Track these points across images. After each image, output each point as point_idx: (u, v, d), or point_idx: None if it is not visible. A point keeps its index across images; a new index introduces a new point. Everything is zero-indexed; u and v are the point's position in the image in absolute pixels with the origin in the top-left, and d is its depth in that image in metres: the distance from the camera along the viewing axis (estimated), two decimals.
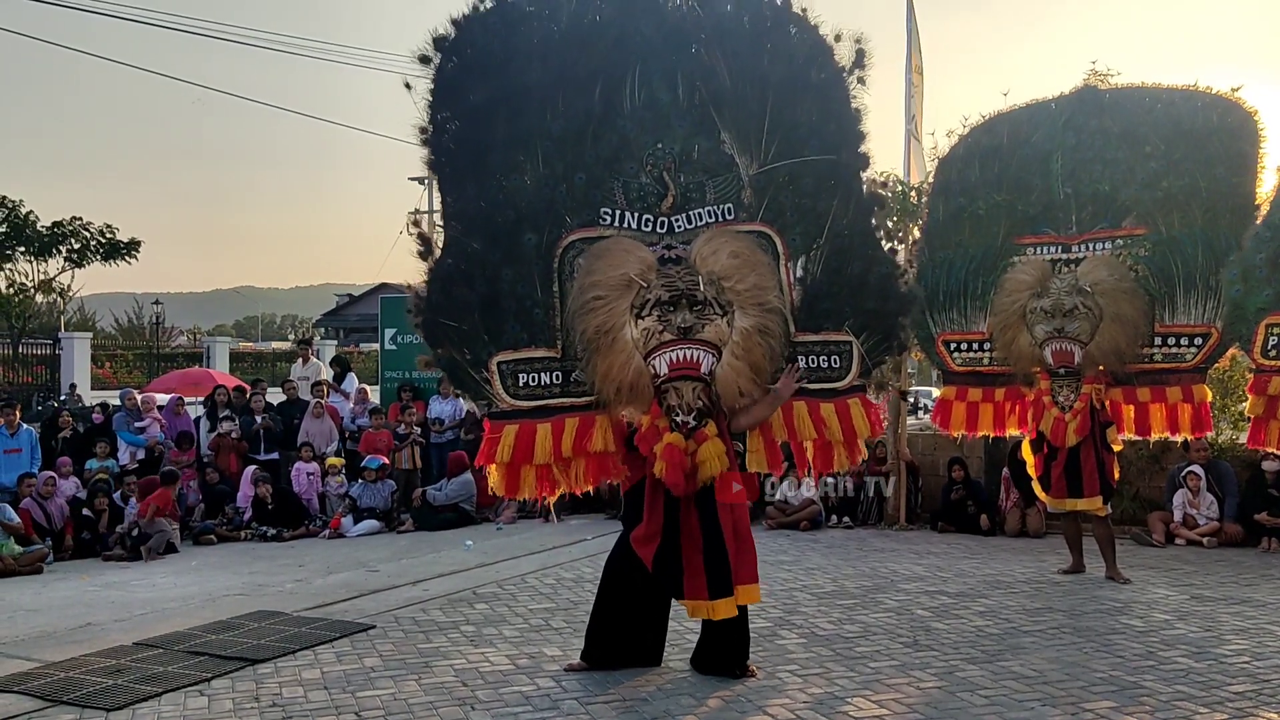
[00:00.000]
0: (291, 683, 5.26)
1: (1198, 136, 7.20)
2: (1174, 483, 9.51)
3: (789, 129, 5.34)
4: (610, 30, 5.28)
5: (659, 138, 5.34)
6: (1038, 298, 7.47)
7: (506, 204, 5.25)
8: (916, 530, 10.13)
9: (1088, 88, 7.79)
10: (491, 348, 5.25)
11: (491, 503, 11.55)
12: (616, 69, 5.28)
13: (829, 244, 5.35)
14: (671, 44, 5.32)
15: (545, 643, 5.98)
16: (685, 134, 5.35)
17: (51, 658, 5.83)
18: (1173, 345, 7.32)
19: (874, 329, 5.40)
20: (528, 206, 5.25)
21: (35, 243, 24.03)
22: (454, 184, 5.35)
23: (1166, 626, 6.22)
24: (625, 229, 5.32)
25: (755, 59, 5.33)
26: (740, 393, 5.19)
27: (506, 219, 5.24)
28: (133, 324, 43.81)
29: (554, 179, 5.27)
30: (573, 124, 5.27)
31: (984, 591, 7.25)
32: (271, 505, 10.86)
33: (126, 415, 12.01)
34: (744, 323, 5.18)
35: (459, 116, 5.30)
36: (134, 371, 28.21)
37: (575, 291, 5.22)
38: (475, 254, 5.24)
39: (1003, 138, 7.79)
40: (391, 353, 13.79)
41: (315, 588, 7.86)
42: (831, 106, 5.39)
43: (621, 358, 5.14)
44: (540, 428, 5.22)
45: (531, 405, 5.26)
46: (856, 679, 5.20)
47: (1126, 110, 7.51)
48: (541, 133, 5.26)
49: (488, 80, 5.26)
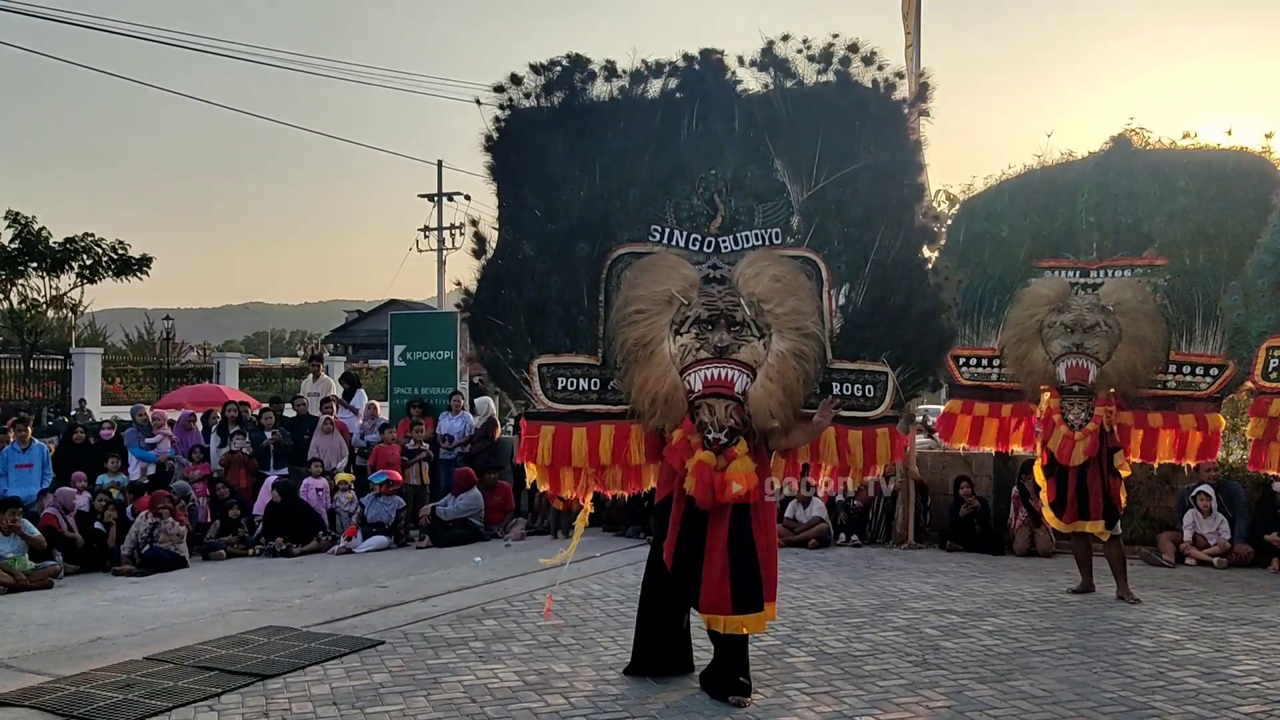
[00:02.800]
0: (301, 698, 5.28)
1: (1229, 177, 7.40)
2: (1184, 503, 9.48)
3: (841, 159, 5.38)
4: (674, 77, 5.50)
5: (713, 164, 5.48)
6: (1058, 313, 7.52)
7: (561, 213, 5.43)
8: (925, 549, 10.11)
9: (1121, 138, 7.90)
10: (534, 350, 5.42)
11: (500, 519, 11.58)
12: (678, 100, 5.47)
13: (873, 273, 5.36)
14: (730, 88, 5.49)
15: (554, 659, 5.98)
16: (739, 161, 5.47)
17: (62, 672, 5.85)
18: (1187, 374, 7.36)
19: (910, 362, 5.39)
20: (581, 217, 5.42)
21: (48, 259, 24.22)
22: (511, 190, 5.54)
23: (1176, 647, 6.20)
24: (673, 246, 5.45)
25: (813, 91, 5.41)
26: (770, 414, 5.18)
27: (560, 228, 5.41)
28: (143, 339, 43.95)
29: (609, 193, 5.44)
30: (633, 142, 5.44)
31: (993, 611, 7.23)
32: (282, 508, 10.92)
33: (137, 430, 12.07)
34: (780, 346, 5.20)
35: (524, 129, 5.51)
36: (144, 387, 28.29)
37: (619, 303, 5.35)
38: (527, 259, 5.42)
39: (1035, 178, 8.01)
40: (401, 369, 13.84)
41: (324, 603, 7.88)
42: (888, 138, 5.42)
43: (658, 371, 5.22)
44: (576, 431, 5.38)
45: (568, 409, 5.41)
46: (865, 698, 5.19)
47: (1157, 153, 7.74)
48: (602, 149, 5.45)
49: (559, 90, 5.50)
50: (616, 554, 9.89)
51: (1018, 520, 9.82)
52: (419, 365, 13.70)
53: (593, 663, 5.91)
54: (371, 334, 44.78)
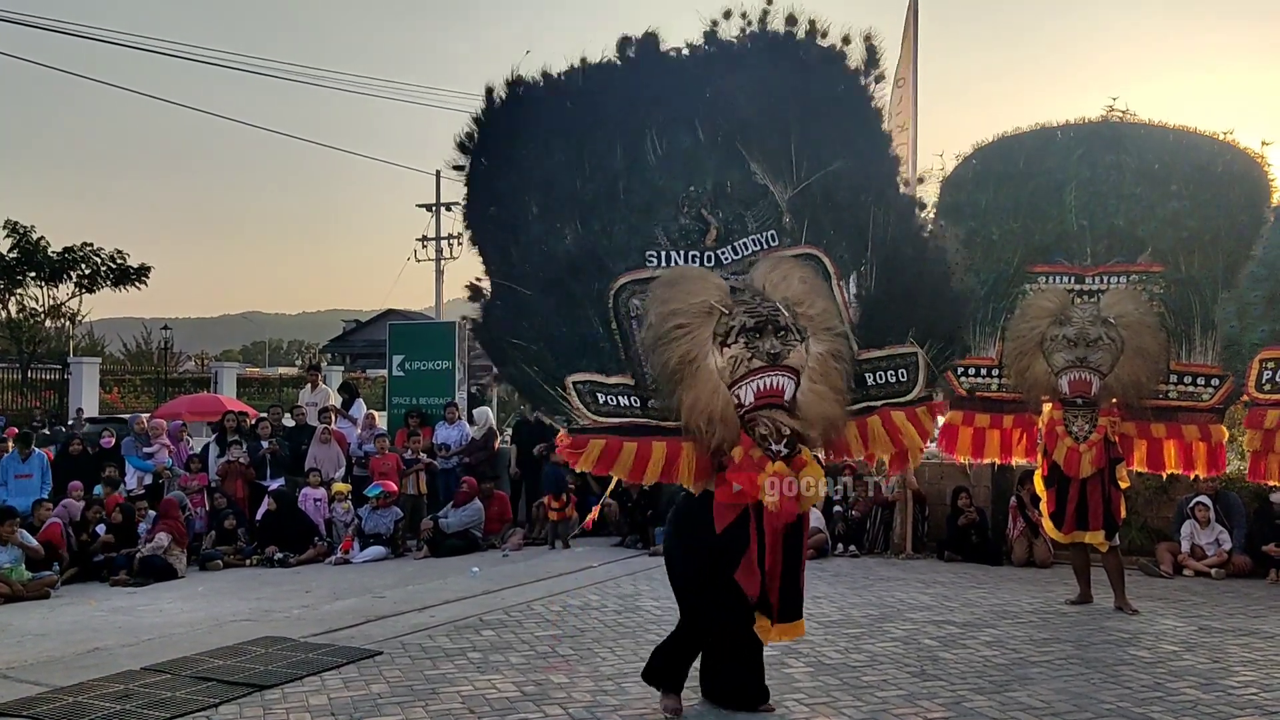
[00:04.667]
0: (299, 709, 5.27)
1: (1222, 182, 7.26)
2: (1182, 513, 9.47)
3: (816, 145, 5.33)
4: (619, 94, 5.36)
5: (690, 180, 5.37)
6: (1059, 325, 7.43)
7: (550, 262, 5.26)
8: (923, 559, 10.11)
9: (1104, 122, 7.81)
10: (562, 371, 5.17)
11: (498, 530, 11.57)
12: (633, 126, 5.35)
13: (876, 255, 5.30)
14: (683, 92, 5.38)
15: (552, 670, 5.98)
16: (714, 171, 5.38)
17: (59, 683, 5.83)
18: (1189, 384, 7.31)
19: (936, 335, 5.34)
20: (570, 261, 5.24)
21: (46, 268, 24.23)
22: (497, 251, 5.36)
23: (1174, 658, 6.20)
24: (673, 267, 5.32)
25: (770, 82, 5.34)
26: (824, 416, 5.08)
27: (552, 273, 5.24)
28: (141, 349, 43.88)
29: (593, 234, 5.30)
30: (602, 185, 5.31)
31: (991, 621, 7.23)
32: (279, 518, 10.92)
33: (135, 440, 12.07)
34: (818, 348, 5.13)
35: (494, 201, 5.38)
36: (142, 396, 28.26)
37: (653, 321, 5.09)
38: (527, 299, 5.23)
39: (1017, 164, 7.77)
40: (399, 379, 13.86)
41: (322, 613, 7.86)
42: (855, 113, 5.36)
43: (709, 387, 4.99)
44: (626, 445, 5.05)
45: (616, 422, 5.09)
46: (864, 709, 5.19)
47: (1145, 148, 7.54)
48: (574, 199, 5.32)
49: (516, 166, 5.35)
50: (614, 564, 9.87)
51: (1016, 531, 9.81)
52: (417, 375, 13.71)
53: (591, 673, 5.90)
54: (369, 344, 44.77)
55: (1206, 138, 7.47)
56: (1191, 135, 7.50)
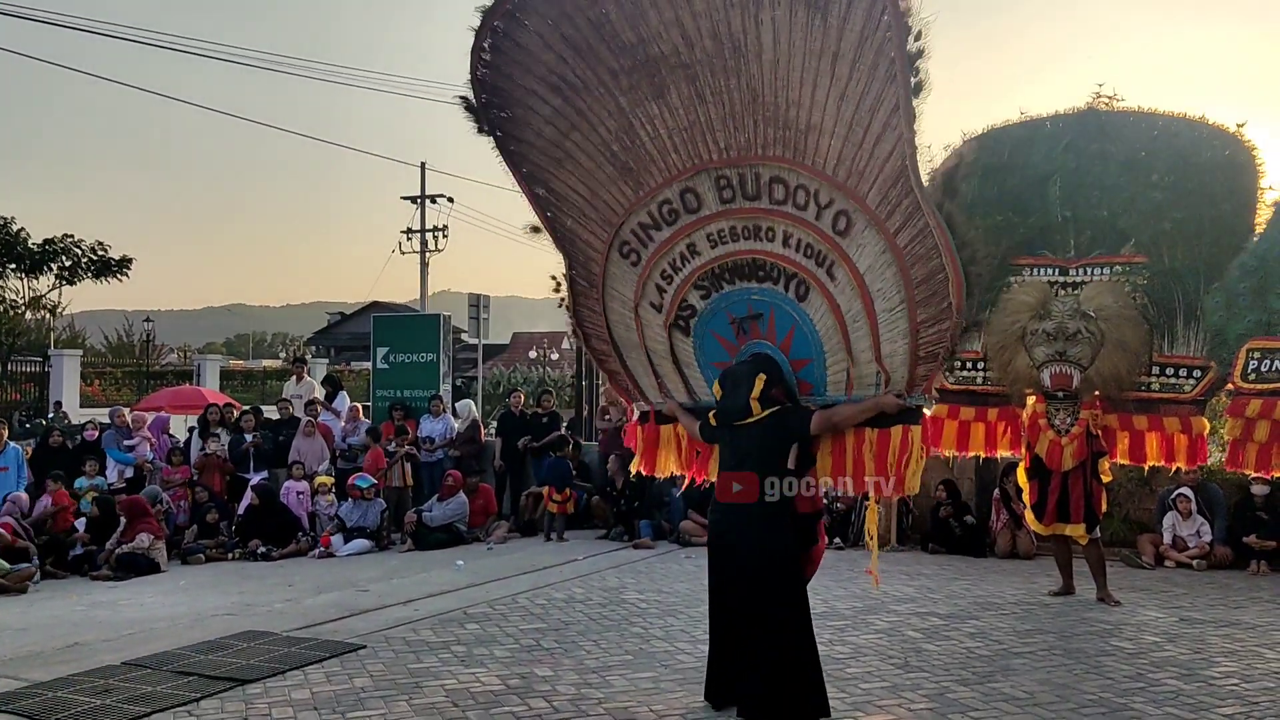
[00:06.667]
0: (281, 703, 5.24)
1: (1203, 170, 7.18)
2: (1164, 505, 9.53)
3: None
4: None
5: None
6: (1039, 320, 7.42)
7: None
8: (907, 551, 10.14)
9: (1089, 110, 7.78)
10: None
11: (482, 523, 11.55)
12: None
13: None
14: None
15: (536, 663, 5.96)
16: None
17: (39, 677, 5.79)
18: (1170, 376, 7.31)
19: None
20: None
21: (26, 260, 24.00)
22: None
23: (1156, 649, 6.23)
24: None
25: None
26: None
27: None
28: (123, 341, 43.61)
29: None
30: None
31: (974, 613, 7.25)
32: (261, 511, 10.85)
33: (116, 433, 11.98)
34: None
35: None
36: (123, 389, 28.06)
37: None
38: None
39: (1004, 155, 7.71)
40: (383, 371, 13.80)
41: (305, 607, 7.82)
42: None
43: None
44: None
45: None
46: (847, 700, 5.20)
47: (1128, 136, 7.48)
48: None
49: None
50: (599, 557, 9.87)
51: (999, 523, 9.86)
52: (401, 367, 13.66)
53: (575, 666, 5.89)
54: (354, 336, 44.65)
55: (1186, 121, 7.39)
56: (1176, 121, 7.42)
